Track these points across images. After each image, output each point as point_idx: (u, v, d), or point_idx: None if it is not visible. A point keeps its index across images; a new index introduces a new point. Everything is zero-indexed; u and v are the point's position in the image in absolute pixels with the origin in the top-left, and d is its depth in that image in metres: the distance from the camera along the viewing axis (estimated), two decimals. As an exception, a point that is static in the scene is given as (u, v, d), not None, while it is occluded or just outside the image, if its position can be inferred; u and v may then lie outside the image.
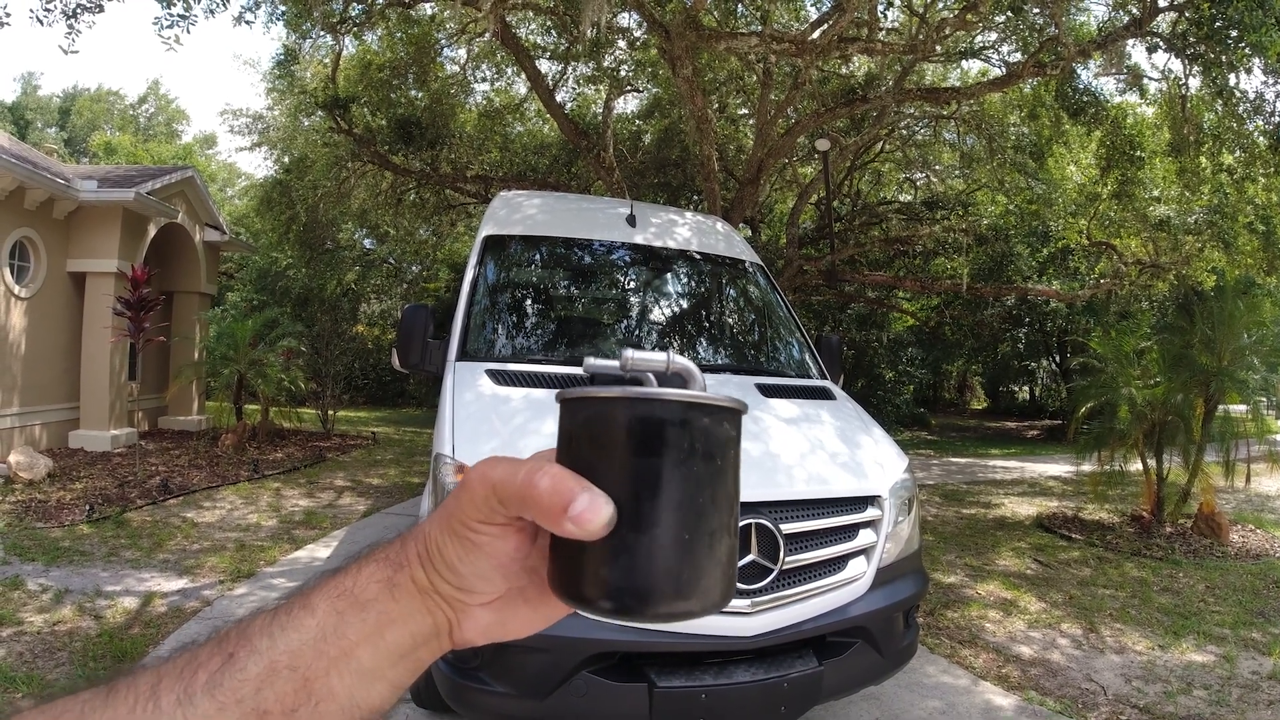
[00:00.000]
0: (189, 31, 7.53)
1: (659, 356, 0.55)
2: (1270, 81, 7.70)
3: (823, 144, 11.04)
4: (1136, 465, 8.16)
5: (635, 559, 0.46)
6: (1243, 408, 7.86)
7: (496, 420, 3.18)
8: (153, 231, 11.59)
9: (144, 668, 0.48)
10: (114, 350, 10.55)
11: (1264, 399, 7.86)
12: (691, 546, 0.47)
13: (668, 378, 0.55)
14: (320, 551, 6.54)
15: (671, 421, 0.47)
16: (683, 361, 0.54)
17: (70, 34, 7.18)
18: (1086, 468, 8.54)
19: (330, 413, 14.48)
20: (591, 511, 0.45)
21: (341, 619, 0.49)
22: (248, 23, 8.15)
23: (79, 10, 7.11)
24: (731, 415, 0.50)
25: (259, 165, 55.01)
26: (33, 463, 8.35)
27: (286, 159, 15.01)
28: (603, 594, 0.46)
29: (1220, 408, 7.87)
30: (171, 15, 7.35)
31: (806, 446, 3.34)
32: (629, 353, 0.54)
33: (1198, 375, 7.61)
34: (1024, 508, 9.69)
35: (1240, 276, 11.67)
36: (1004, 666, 4.61)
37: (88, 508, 7.19)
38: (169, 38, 7.35)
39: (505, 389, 3.43)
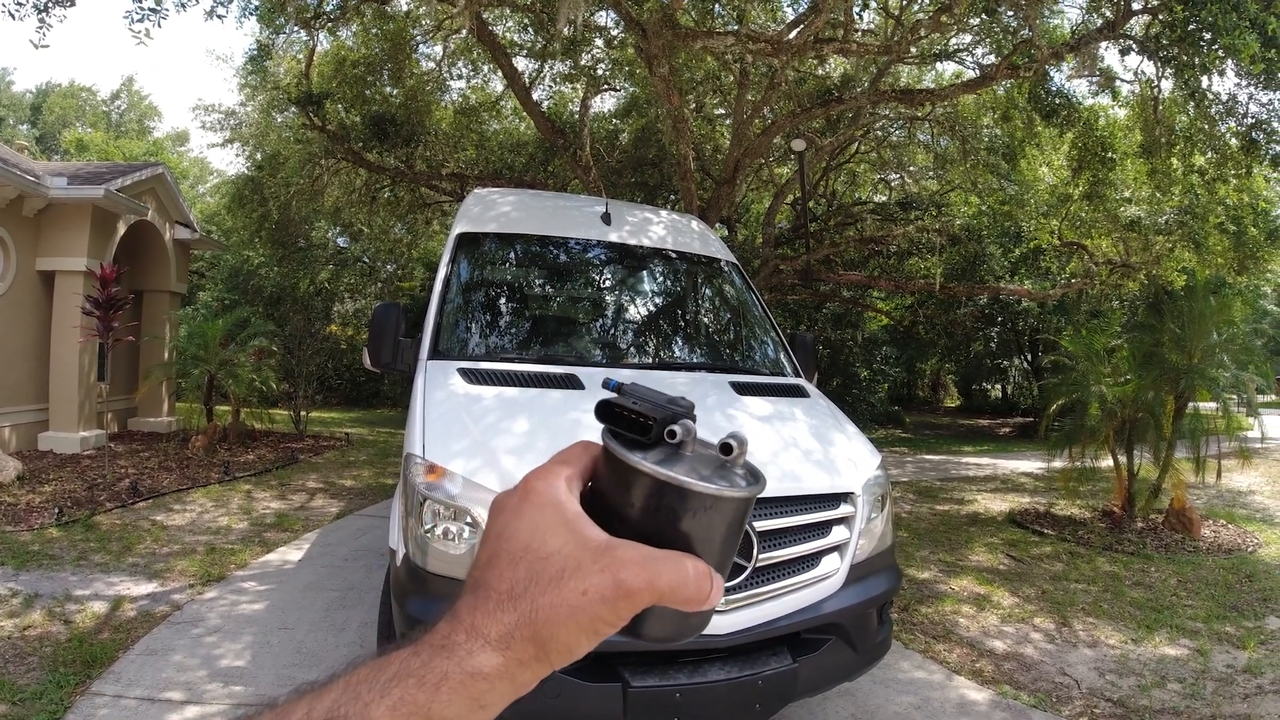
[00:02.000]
0: (160, 25, 7.43)
1: (735, 445, 0.56)
2: (1242, 83, 7.81)
3: (798, 144, 11.08)
4: (1107, 461, 8.26)
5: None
6: (1213, 405, 7.97)
7: (468, 419, 3.15)
8: (122, 229, 11.41)
9: None
10: (83, 350, 10.36)
11: (1234, 396, 7.97)
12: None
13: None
14: (292, 555, 6.46)
15: (746, 508, 0.54)
16: (742, 436, 0.57)
17: (41, 28, 7.05)
18: (1058, 464, 8.64)
19: (303, 414, 14.32)
20: (718, 593, 0.51)
21: None
22: (220, 17, 8.03)
23: (50, 4, 6.98)
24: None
25: (231, 162, 54.29)
26: (2, 465, 8.19)
27: (259, 156, 14.82)
28: (672, 632, 0.54)
29: (1191, 405, 7.97)
30: (143, 9, 7.24)
31: (780, 444, 3.34)
32: (734, 442, 0.56)
33: (1168, 373, 7.72)
34: (996, 504, 9.79)
35: (1211, 276, 11.86)
36: (978, 661, 4.64)
37: (57, 511, 7.06)
38: (140, 31, 7.24)
39: (477, 388, 3.40)
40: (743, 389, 3.84)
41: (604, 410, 0.57)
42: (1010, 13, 8.10)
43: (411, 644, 0.48)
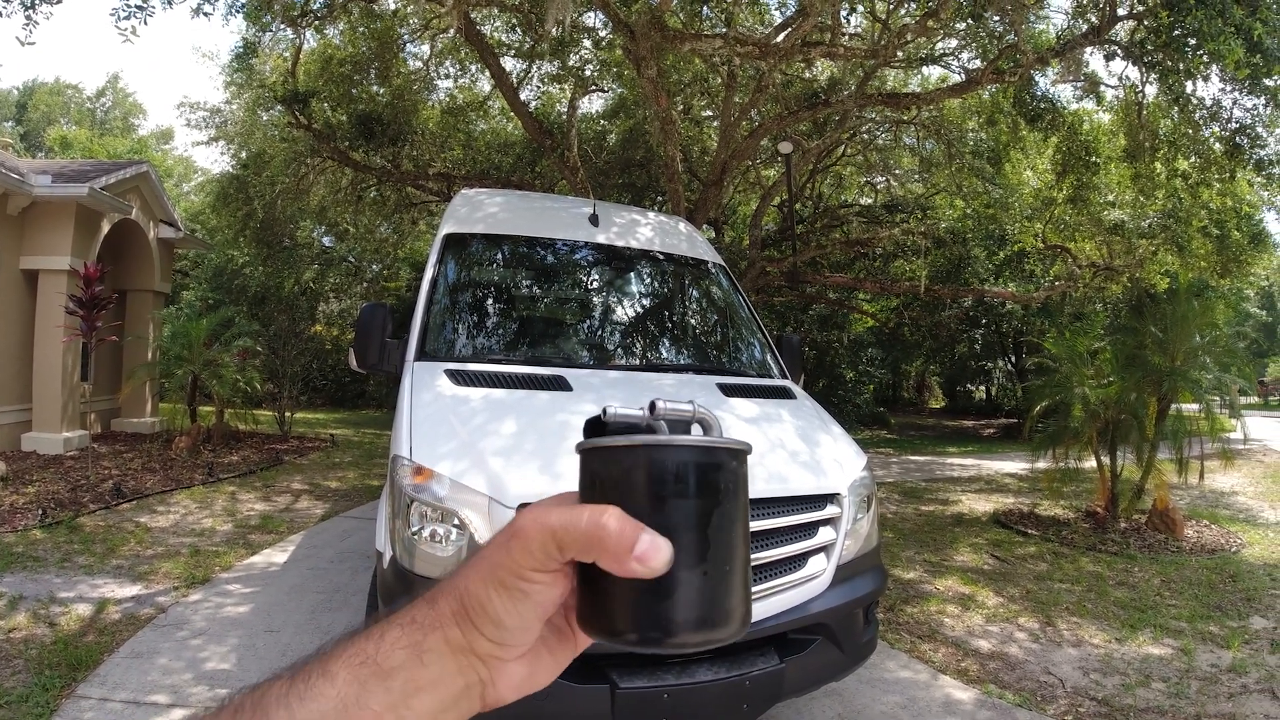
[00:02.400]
0: (146, 23, 7.38)
1: (687, 406, 0.57)
2: (1226, 88, 7.88)
3: (785, 147, 11.13)
4: (1091, 463, 8.33)
5: (688, 594, 0.49)
6: (1196, 406, 8.05)
7: (455, 421, 3.15)
8: (106, 228, 11.32)
9: None
10: (67, 350, 10.27)
11: (1217, 398, 8.04)
12: (725, 579, 0.51)
13: (690, 426, 0.58)
14: (277, 557, 6.43)
15: (708, 466, 0.51)
16: (706, 411, 0.57)
17: (28, 25, 6.99)
18: (1042, 465, 8.69)
19: (287, 414, 14.24)
20: (654, 551, 0.47)
21: (364, 688, 0.48)
22: (206, 14, 7.99)
23: (37, 1, 6.92)
24: (744, 457, 0.54)
25: (216, 160, 54.03)
26: (-19, 466, 8.12)
27: (244, 154, 14.72)
28: (643, 626, 0.49)
29: (1174, 406, 8.05)
30: (129, 6, 7.20)
31: (766, 445, 3.35)
32: (660, 403, 0.56)
33: (1150, 375, 7.79)
34: (981, 504, 9.85)
35: (1194, 279, 11.98)
36: (963, 660, 4.67)
37: (40, 512, 7.00)
38: (126, 29, 7.19)
39: (464, 389, 3.40)
40: (729, 390, 3.85)
41: (591, 426, 0.58)
42: (996, 18, 8.15)
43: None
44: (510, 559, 0.49)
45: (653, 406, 0.56)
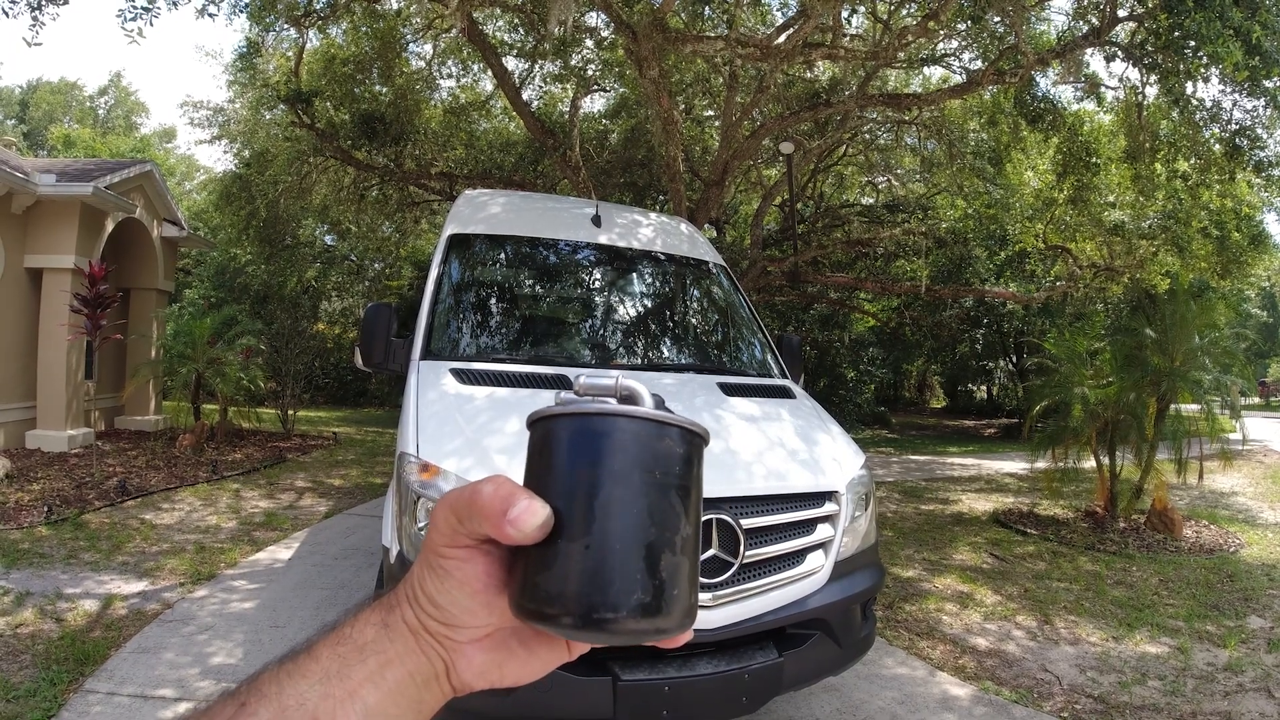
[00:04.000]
0: (152, 24, 7.41)
1: (607, 380, 0.56)
2: (1226, 90, 7.91)
3: (787, 147, 11.16)
4: (1090, 462, 8.37)
5: (573, 567, 0.48)
6: (1196, 407, 8.07)
7: (460, 419, 3.19)
8: (110, 227, 11.36)
9: None
10: (71, 348, 10.32)
11: (1217, 399, 8.06)
12: (613, 556, 0.48)
13: (620, 399, 0.56)
14: (281, 553, 6.48)
15: (603, 434, 0.51)
16: (631, 384, 0.55)
17: (35, 26, 7.04)
18: (1041, 465, 8.72)
19: (290, 412, 14.29)
20: (527, 514, 0.48)
21: (344, 662, 0.51)
22: (210, 15, 8.04)
23: (44, 2, 6.97)
24: (680, 433, 0.52)
25: (219, 159, 53.98)
26: (-13, 463, 8.17)
27: (247, 153, 14.79)
28: (546, 603, 0.49)
29: (1173, 407, 8.07)
30: (135, 8, 7.23)
31: (766, 444, 3.40)
32: (581, 379, 0.57)
33: (1150, 375, 7.82)
34: (981, 503, 9.89)
35: (1194, 280, 12.01)
36: (961, 657, 4.71)
37: (46, 509, 7.05)
38: (132, 30, 7.22)
39: (469, 388, 3.45)
40: (730, 390, 3.90)
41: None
42: (997, 19, 8.19)
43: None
44: (430, 539, 0.53)
45: (573, 383, 0.57)
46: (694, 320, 5.24)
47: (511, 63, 12.57)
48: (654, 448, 0.51)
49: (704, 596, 2.78)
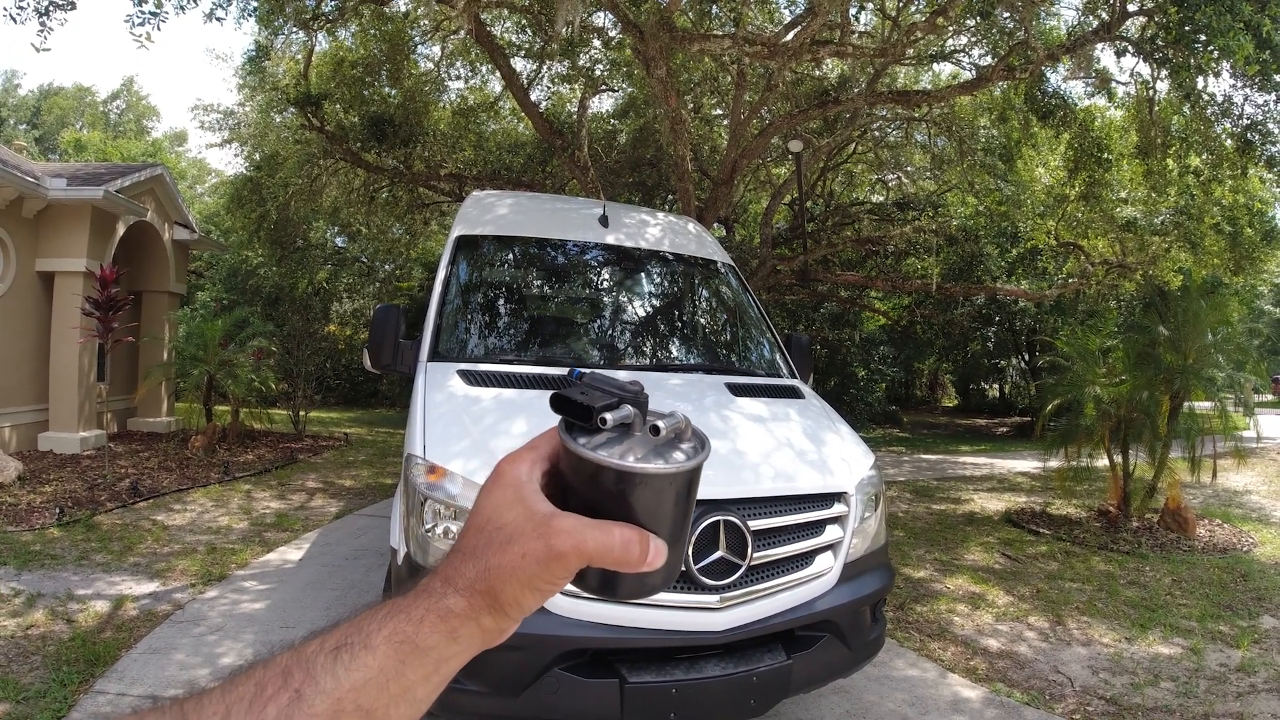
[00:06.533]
0: (160, 29, 7.46)
1: (676, 421, 0.62)
2: (1238, 85, 7.85)
3: (795, 145, 11.12)
4: (1103, 461, 8.31)
5: (658, 573, 0.60)
6: (1209, 404, 8.01)
7: (467, 420, 3.19)
8: (121, 230, 11.44)
9: (207, 693, 0.52)
10: (83, 351, 10.39)
11: (1231, 396, 8.00)
12: (681, 551, 0.62)
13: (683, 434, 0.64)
14: (292, 554, 6.50)
15: (690, 481, 0.60)
16: (689, 422, 0.64)
17: (43, 31, 7.09)
18: (1054, 464, 8.67)
19: (302, 414, 14.34)
20: (659, 556, 0.58)
21: (404, 664, 0.55)
22: (219, 19, 8.07)
23: (50, 8, 7.02)
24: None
25: (229, 162, 54.26)
26: (2, 465, 8.22)
27: (257, 156, 14.86)
28: (630, 590, 0.61)
29: (1186, 405, 8.01)
30: (144, 13, 7.28)
31: (774, 444, 3.38)
32: (662, 424, 0.61)
33: (1163, 373, 7.75)
34: (993, 503, 9.83)
35: (1207, 276, 11.92)
36: (972, 659, 4.69)
37: (58, 511, 7.10)
38: (140, 35, 7.27)
39: (477, 389, 3.44)
40: (738, 390, 3.88)
41: (557, 401, 0.63)
42: (1006, 14, 8.14)
43: (404, 592, 0.59)
44: (548, 573, 0.57)
45: (603, 421, 0.60)
46: (702, 320, 5.23)
47: (519, 63, 12.59)
48: (697, 480, 0.62)
49: (711, 599, 2.76)
